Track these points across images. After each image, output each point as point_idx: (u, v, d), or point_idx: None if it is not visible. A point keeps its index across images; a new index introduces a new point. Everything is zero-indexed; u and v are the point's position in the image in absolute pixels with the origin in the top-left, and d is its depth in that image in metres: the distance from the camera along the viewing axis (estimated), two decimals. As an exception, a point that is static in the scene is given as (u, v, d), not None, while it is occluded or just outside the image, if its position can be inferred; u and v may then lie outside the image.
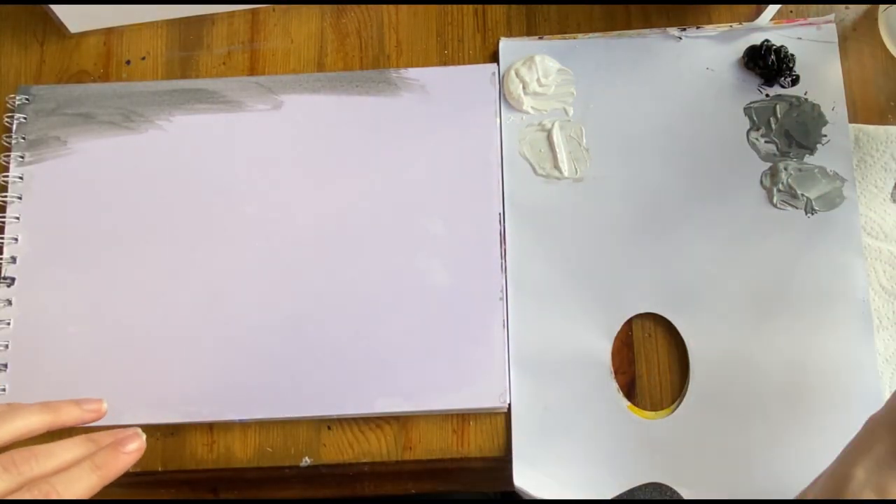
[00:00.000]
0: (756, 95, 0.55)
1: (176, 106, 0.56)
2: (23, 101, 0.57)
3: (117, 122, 0.56)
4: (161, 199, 0.55)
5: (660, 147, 0.54)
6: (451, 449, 0.51)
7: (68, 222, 0.54)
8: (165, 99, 0.56)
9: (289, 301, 0.53)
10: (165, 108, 0.56)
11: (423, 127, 0.55)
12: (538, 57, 0.56)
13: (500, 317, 0.52)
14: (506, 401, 0.51)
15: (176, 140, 0.56)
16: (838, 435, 0.49)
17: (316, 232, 0.54)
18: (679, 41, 0.56)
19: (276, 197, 0.54)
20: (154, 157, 0.55)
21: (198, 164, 0.55)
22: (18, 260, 0.54)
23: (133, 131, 0.56)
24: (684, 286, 0.52)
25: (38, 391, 0.52)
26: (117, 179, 0.55)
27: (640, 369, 0.52)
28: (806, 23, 0.56)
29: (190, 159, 0.55)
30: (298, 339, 0.52)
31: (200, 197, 0.55)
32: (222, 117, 0.56)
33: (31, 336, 0.53)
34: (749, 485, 0.49)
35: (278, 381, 0.51)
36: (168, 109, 0.56)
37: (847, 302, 0.51)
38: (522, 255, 0.53)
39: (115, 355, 0.52)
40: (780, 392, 0.50)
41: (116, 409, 0.51)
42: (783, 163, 0.53)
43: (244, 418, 0.51)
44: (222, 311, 0.53)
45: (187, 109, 0.56)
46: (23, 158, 0.56)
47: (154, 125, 0.56)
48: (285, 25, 0.58)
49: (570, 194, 0.54)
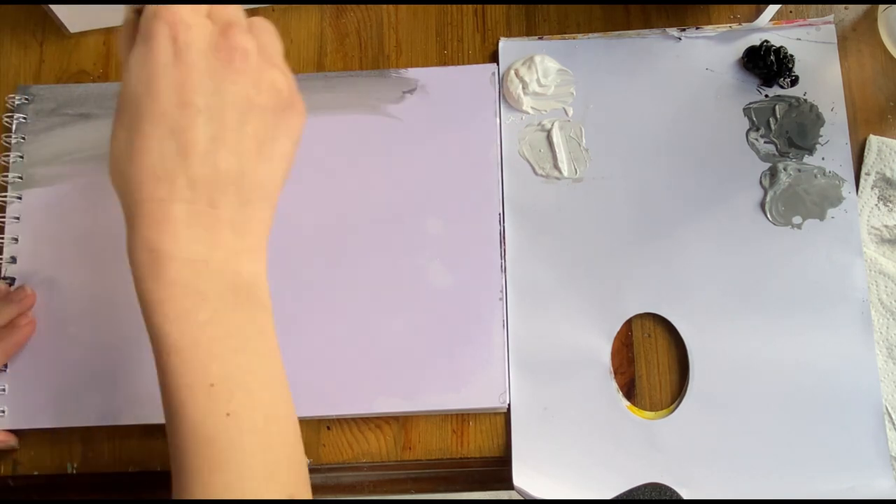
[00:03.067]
0: (755, 96, 0.55)
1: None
2: (22, 101, 0.57)
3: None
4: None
5: (659, 147, 0.54)
6: (451, 449, 0.51)
7: (68, 222, 0.54)
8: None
9: (289, 301, 0.52)
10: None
11: (422, 127, 0.55)
12: (538, 57, 0.56)
13: (499, 317, 0.52)
14: (505, 401, 0.51)
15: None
16: (838, 435, 0.50)
17: (316, 232, 0.54)
18: (679, 41, 0.56)
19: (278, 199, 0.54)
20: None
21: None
22: (18, 260, 0.54)
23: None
24: (684, 286, 0.52)
25: (37, 392, 0.52)
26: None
27: (640, 369, 0.52)
28: (805, 23, 0.56)
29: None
30: (298, 339, 0.52)
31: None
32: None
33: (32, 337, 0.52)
34: (749, 485, 0.49)
35: None
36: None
37: (847, 302, 0.51)
38: (522, 255, 0.53)
39: (115, 355, 0.52)
40: (780, 392, 0.50)
41: (116, 409, 0.51)
42: (782, 163, 0.53)
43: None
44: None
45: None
46: (22, 158, 0.55)
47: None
48: (285, 25, 0.58)
49: (569, 194, 0.54)
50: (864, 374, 0.50)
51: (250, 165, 0.37)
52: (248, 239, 0.38)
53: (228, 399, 0.36)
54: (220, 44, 0.37)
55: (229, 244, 0.37)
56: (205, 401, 0.36)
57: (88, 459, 0.52)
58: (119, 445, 0.52)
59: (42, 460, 0.52)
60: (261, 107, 0.37)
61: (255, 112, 0.37)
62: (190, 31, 0.36)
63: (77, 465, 0.52)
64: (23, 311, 0.52)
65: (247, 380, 0.37)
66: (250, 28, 0.38)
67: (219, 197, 0.37)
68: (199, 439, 0.36)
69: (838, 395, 0.50)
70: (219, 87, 0.36)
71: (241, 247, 0.37)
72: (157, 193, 0.36)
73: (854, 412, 0.50)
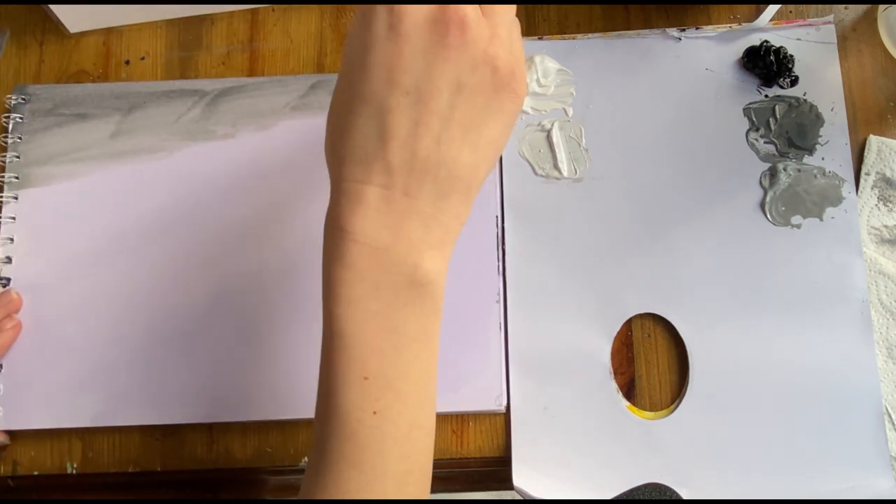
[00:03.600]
0: (755, 96, 0.55)
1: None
2: (19, 101, 0.57)
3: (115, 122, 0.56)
4: (159, 199, 0.55)
5: (659, 147, 0.54)
6: (451, 449, 0.51)
7: (64, 222, 0.54)
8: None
9: (287, 303, 0.52)
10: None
11: None
12: (538, 57, 0.56)
13: (496, 319, 0.52)
14: (502, 403, 0.51)
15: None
16: (838, 435, 0.50)
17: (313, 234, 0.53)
18: (678, 42, 0.56)
19: (272, 199, 0.54)
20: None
21: (195, 166, 0.55)
22: (14, 260, 0.54)
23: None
24: (684, 286, 0.52)
25: (34, 391, 0.52)
26: (114, 180, 0.55)
27: (640, 369, 0.52)
28: (805, 23, 0.56)
29: (188, 161, 0.55)
30: (296, 341, 0.52)
31: (199, 198, 0.54)
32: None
33: (27, 336, 0.53)
34: (749, 485, 0.49)
35: (277, 383, 0.51)
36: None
37: (847, 302, 0.51)
38: (522, 255, 0.53)
39: (114, 355, 0.52)
40: (780, 392, 0.50)
41: (116, 410, 0.51)
42: (782, 163, 0.53)
43: (243, 419, 0.51)
44: (221, 312, 0.52)
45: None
46: (19, 158, 0.55)
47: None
48: (285, 25, 0.58)
49: (569, 194, 0.54)
50: (864, 374, 0.50)
51: (451, 154, 0.35)
52: (436, 233, 0.37)
53: (378, 397, 0.36)
54: (438, 14, 0.34)
55: (415, 236, 0.36)
56: (355, 393, 0.35)
57: (88, 459, 0.52)
58: (119, 445, 0.52)
59: (42, 460, 0.52)
60: (472, 89, 0.35)
61: (464, 95, 0.35)
62: (407, 2, 0.34)
63: (77, 465, 0.52)
64: (8, 314, 0.52)
65: (399, 381, 0.36)
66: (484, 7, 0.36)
67: (415, 185, 0.35)
68: (342, 432, 0.36)
69: (838, 395, 0.50)
70: (430, 65, 0.34)
71: (426, 240, 0.36)
72: (355, 174, 0.35)
73: (854, 412, 0.50)
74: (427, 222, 0.36)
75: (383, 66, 0.34)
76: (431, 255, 0.37)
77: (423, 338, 0.37)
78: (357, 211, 0.35)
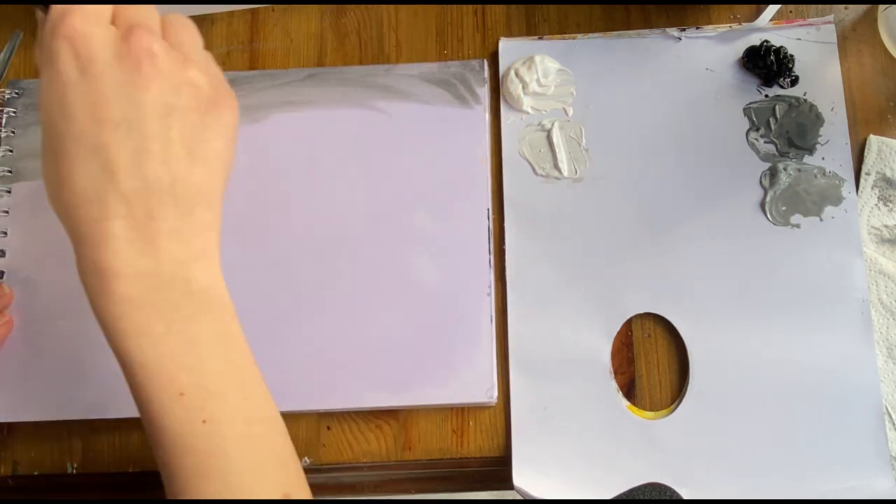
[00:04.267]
0: (755, 96, 0.55)
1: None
2: (12, 95, 0.57)
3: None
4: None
5: (659, 147, 0.54)
6: (451, 449, 0.51)
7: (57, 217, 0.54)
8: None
9: (278, 297, 0.52)
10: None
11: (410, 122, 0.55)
12: (538, 57, 0.56)
13: (487, 312, 0.52)
14: (493, 396, 0.51)
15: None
16: (838, 435, 0.50)
17: (306, 228, 0.54)
18: (679, 41, 0.56)
19: (266, 195, 0.54)
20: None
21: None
22: (7, 254, 0.54)
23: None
24: (684, 286, 0.52)
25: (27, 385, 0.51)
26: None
27: (640, 369, 0.52)
28: (805, 23, 0.56)
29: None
30: (287, 335, 0.52)
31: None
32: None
33: (21, 330, 0.53)
34: (749, 485, 0.49)
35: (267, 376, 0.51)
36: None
37: (847, 302, 0.51)
38: (522, 254, 0.53)
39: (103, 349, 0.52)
40: (780, 392, 0.50)
41: (109, 404, 0.51)
42: (782, 163, 0.53)
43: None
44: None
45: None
46: (12, 152, 0.55)
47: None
48: (285, 25, 0.58)
49: (569, 194, 0.54)
50: (864, 374, 0.50)
51: (182, 171, 0.36)
52: (195, 244, 0.37)
53: (201, 406, 0.36)
54: (124, 50, 0.35)
55: (176, 253, 0.36)
56: (178, 411, 0.36)
57: (88, 459, 0.52)
58: (119, 445, 0.52)
59: (42, 460, 0.52)
60: (182, 108, 0.36)
61: (176, 115, 0.36)
62: (91, 43, 0.35)
63: (77, 465, 0.52)
64: (0, 310, 0.52)
65: (218, 385, 0.37)
66: (164, 26, 0.37)
67: (156, 208, 0.36)
68: (179, 449, 0.36)
69: (838, 395, 0.50)
70: (132, 96, 0.35)
71: (188, 254, 0.37)
72: (92, 214, 0.35)
73: (854, 412, 0.50)
74: (182, 237, 0.36)
75: (86, 106, 0.35)
76: (200, 266, 0.37)
77: (224, 339, 0.38)
78: (109, 247, 0.35)
